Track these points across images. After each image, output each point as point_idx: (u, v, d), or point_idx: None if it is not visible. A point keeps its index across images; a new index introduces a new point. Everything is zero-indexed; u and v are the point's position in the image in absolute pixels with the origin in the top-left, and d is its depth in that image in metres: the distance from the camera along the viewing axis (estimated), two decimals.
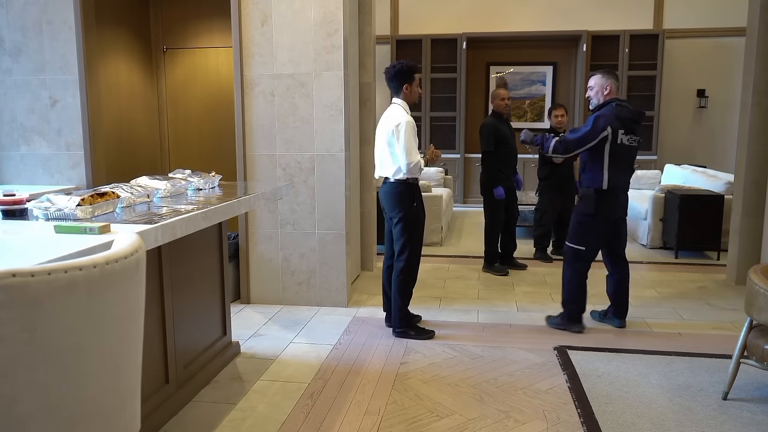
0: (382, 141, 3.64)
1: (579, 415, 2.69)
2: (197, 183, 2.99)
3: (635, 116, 3.63)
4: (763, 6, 4.61)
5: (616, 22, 9.01)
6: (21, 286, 1.08)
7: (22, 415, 1.12)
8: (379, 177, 3.78)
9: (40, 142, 4.24)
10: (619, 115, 3.58)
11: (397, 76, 3.62)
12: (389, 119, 3.59)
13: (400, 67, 3.62)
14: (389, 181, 3.65)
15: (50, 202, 2.14)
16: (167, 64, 5.27)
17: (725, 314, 4.14)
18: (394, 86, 3.65)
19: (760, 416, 2.67)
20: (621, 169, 3.65)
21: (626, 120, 3.59)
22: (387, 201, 3.69)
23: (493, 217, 5.20)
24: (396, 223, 3.67)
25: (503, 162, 5.13)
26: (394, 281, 3.69)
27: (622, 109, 3.61)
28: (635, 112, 3.64)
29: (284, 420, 2.65)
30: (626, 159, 3.67)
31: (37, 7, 4.08)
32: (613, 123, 3.55)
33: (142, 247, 1.35)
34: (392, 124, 3.53)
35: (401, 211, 3.62)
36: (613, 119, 3.56)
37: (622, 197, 3.72)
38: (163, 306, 2.62)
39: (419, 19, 9.54)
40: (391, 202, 3.66)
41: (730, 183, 5.92)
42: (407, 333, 3.68)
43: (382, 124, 3.66)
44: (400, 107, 3.63)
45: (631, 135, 3.63)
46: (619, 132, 3.57)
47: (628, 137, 3.61)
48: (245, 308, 4.24)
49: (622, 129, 3.57)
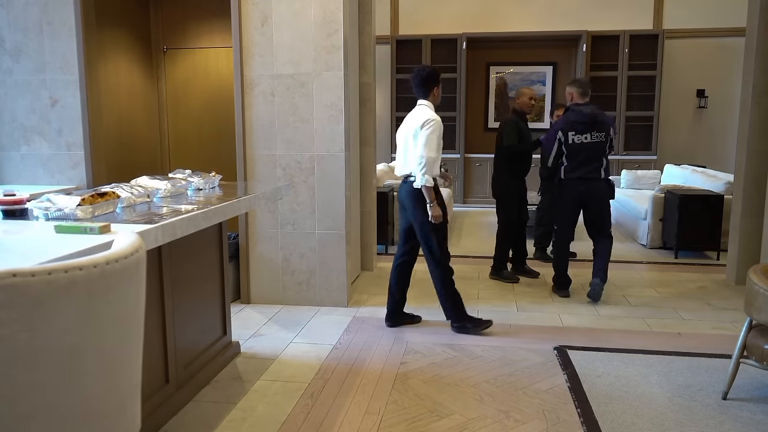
0: (406, 139, 3.66)
1: (579, 414, 2.69)
2: (197, 183, 3.00)
3: (586, 118, 4.31)
4: (762, 6, 4.62)
5: (616, 23, 9.01)
6: (21, 286, 1.08)
7: (22, 415, 1.12)
8: (400, 175, 3.77)
9: (40, 142, 4.24)
10: (569, 118, 4.36)
11: (428, 80, 3.69)
12: (418, 116, 3.62)
13: (430, 70, 3.71)
14: (410, 179, 3.65)
15: (50, 202, 2.14)
16: (167, 64, 5.28)
17: (725, 314, 4.14)
18: (423, 89, 3.71)
19: (760, 416, 2.67)
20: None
21: (575, 123, 4.33)
22: (408, 199, 3.69)
23: (507, 221, 4.99)
24: (420, 225, 3.68)
25: (518, 162, 4.97)
26: (435, 280, 3.76)
27: (573, 113, 4.36)
28: (587, 115, 4.31)
29: (284, 420, 2.65)
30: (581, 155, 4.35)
31: (37, 8, 4.08)
32: (563, 127, 4.36)
33: (142, 247, 1.35)
34: (421, 120, 3.56)
35: (424, 210, 3.62)
36: (563, 124, 4.38)
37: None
38: (163, 306, 2.63)
39: (419, 19, 9.54)
40: (413, 201, 3.66)
41: (730, 183, 5.92)
42: (465, 327, 3.72)
43: (408, 123, 3.68)
44: (428, 108, 3.67)
45: (589, 133, 4.32)
46: (570, 134, 4.33)
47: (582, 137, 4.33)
48: (245, 308, 4.24)
49: (572, 131, 4.33)
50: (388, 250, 6.06)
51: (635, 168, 8.68)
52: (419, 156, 3.52)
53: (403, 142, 3.72)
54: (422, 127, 3.53)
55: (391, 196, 6.26)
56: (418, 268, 5.36)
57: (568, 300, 4.46)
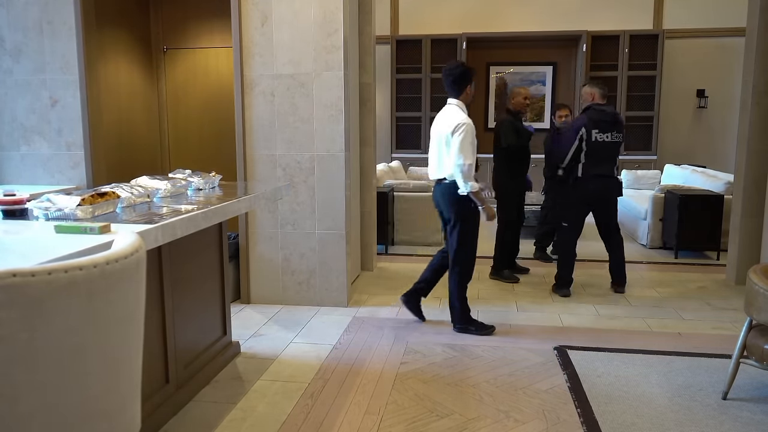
0: (438, 141, 3.63)
1: (579, 414, 2.69)
2: (197, 183, 3.00)
3: (609, 117, 4.45)
4: (762, 6, 4.62)
5: (616, 22, 9.01)
6: (21, 286, 1.08)
7: (22, 415, 1.12)
8: (433, 178, 3.76)
9: (40, 142, 4.24)
10: (591, 117, 4.44)
11: (461, 78, 3.63)
12: (448, 119, 3.58)
13: (463, 69, 3.64)
14: (445, 182, 3.63)
15: (50, 202, 2.14)
16: (167, 64, 5.28)
17: (725, 314, 4.14)
18: (456, 88, 3.64)
19: (760, 416, 2.67)
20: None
21: (600, 121, 4.43)
22: (443, 201, 3.68)
23: (507, 221, 5.02)
24: (453, 224, 3.66)
25: (517, 162, 4.99)
26: (451, 280, 3.73)
27: (596, 112, 4.45)
28: (610, 114, 4.47)
29: (284, 420, 2.65)
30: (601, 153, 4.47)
31: (37, 7, 4.08)
32: (587, 125, 4.42)
33: (142, 247, 1.35)
34: (452, 124, 3.52)
35: (458, 211, 3.61)
36: (586, 122, 4.43)
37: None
38: (163, 306, 2.63)
39: (419, 19, 9.54)
40: (447, 202, 3.65)
41: (730, 183, 5.92)
42: (468, 329, 3.72)
43: (438, 125, 3.65)
44: (458, 108, 3.62)
45: (610, 133, 4.44)
46: (593, 132, 4.43)
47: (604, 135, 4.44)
48: (245, 308, 4.24)
49: (596, 129, 4.42)
50: (388, 250, 6.06)
51: (635, 168, 8.68)
52: (456, 165, 3.49)
53: (435, 145, 3.68)
54: (453, 133, 3.50)
55: (391, 196, 6.27)
56: None
57: (568, 300, 4.46)
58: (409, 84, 9.38)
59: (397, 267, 5.46)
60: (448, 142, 3.53)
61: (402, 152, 9.48)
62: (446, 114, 3.63)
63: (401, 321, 3.98)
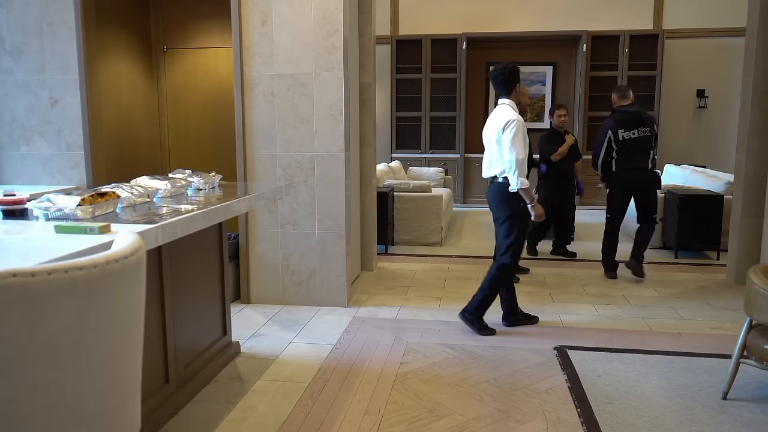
0: (491, 141, 3.66)
1: (579, 414, 2.69)
2: (197, 183, 3.00)
3: (631, 116, 4.90)
4: (763, 6, 4.62)
5: (616, 22, 9.01)
6: (21, 286, 1.08)
7: (22, 415, 1.12)
8: (486, 177, 3.78)
9: (40, 142, 4.24)
10: (616, 119, 4.94)
11: (511, 77, 3.66)
12: (499, 117, 3.61)
13: (512, 67, 3.68)
14: (497, 180, 3.65)
15: (50, 202, 2.14)
16: (167, 64, 5.28)
17: (725, 314, 4.14)
18: (505, 87, 3.68)
19: (760, 416, 2.67)
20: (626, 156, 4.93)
21: (623, 121, 4.90)
22: (494, 200, 3.70)
23: None
24: (502, 222, 3.69)
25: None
26: (492, 274, 3.74)
27: (620, 114, 4.94)
28: (632, 113, 4.90)
29: (284, 420, 2.65)
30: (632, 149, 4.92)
31: (37, 8, 4.09)
32: (612, 127, 4.92)
33: (142, 247, 1.35)
34: (502, 122, 3.56)
35: (509, 210, 3.63)
36: (612, 124, 4.94)
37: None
38: (163, 306, 2.63)
39: (419, 19, 9.54)
40: (498, 201, 3.67)
41: (730, 183, 5.92)
42: (473, 322, 3.74)
43: (490, 125, 3.68)
44: (509, 107, 3.66)
45: (636, 129, 4.87)
46: (619, 131, 4.90)
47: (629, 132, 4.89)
48: (245, 308, 4.24)
49: (621, 128, 4.89)
50: (388, 250, 6.06)
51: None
52: (507, 161, 3.52)
53: (488, 144, 3.71)
54: (504, 129, 3.53)
55: (391, 196, 6.27)
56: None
57: (568, 300, 4.46)
58: (409, 84, 9.39)
59: (397, 267, 5.46)
60: (499, 139, 3.56)
61: (402, 152, 9.48)
62: (498, 113, 3.67)
63: (401, 321, 3.98)
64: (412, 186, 6.37)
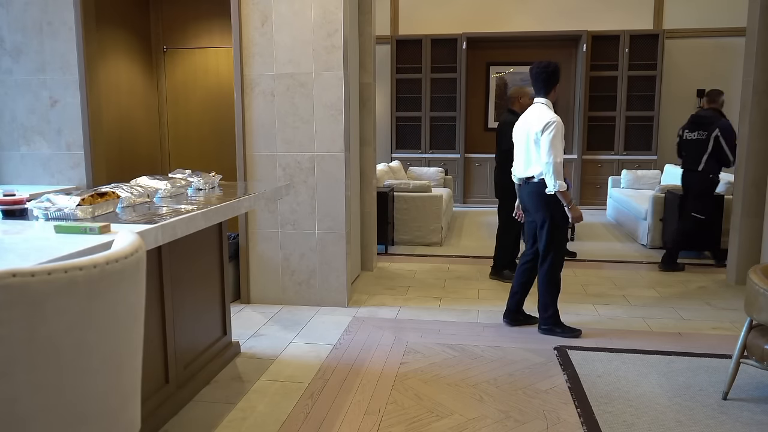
0: (527, 140, 3.60)
1: (579, 415, 2.69)
2: (197, 183, 3.00)
3: (694, 119, 5.38)
4: (763, 6, 4.61)
5: (616, 22, 9.01)
6: (21, 286, 1.08)
7: (22, 415, 1.12)
8: (521, 176, 3.73)
9: (40, 142, 4.24)
10: (690, 119, 5.45)
11: (554, 76, 3.61)
12: (537, 117, 3.54)
13: (554, 67, 3.62)
14: (533, 180, 3.61)
15: (50, 202, 2.14)
16: (167, 64, 5.28)
17: (725, 314, 4.14)
18: (546, 86, 3.62)
19: (760, 416, 2.67)
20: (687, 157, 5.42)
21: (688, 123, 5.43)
22: (531, 201, 3.65)
23: (507, 221, 4.98)
24: (542, 224, 3.64)
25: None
26: (542, 281, 3.69)
27: (693, 115, 5.45)
28: (695, 116, 5.38)
29: (284, 420, 2.65)
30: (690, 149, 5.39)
31: (37, 8, 4.08)
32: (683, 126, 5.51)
33: (142, 247, 1.35)
34: (542, 122, 3.49)
35: (547, 212, 3.58)
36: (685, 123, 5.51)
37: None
38: (163, 306, 2.63)
39: (419, 19, 9.54)
40: (536, 202, 3.62)
41: (730, 183, 5.91)
42: (554, 330, 3.69)
43: (527, 123, 3.62)
44: (546, 106, 3.59)
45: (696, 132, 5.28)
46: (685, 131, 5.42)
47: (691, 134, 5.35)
48: (245, 308, 4.24)
49: (686, 129, 5.42)
50: (388, 250, 6.06)
51: (635, 168, 8.68)
52: (546, 163, 3.46)
53: (523, 144, 3.65)
54: (543, 131, 3.46)
55: (391, 196, 6.27)
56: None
57: (568, 300, 4.46)
58: (409, 84, 9.39)
59: (397, 267, 5.46)
60: (537, 140, 3.50)
61: (402, 152, 9.48)
62: (535, 112, 3.59)
63: (401, 321, 3.98)
64: (412, 186, 6.37)
